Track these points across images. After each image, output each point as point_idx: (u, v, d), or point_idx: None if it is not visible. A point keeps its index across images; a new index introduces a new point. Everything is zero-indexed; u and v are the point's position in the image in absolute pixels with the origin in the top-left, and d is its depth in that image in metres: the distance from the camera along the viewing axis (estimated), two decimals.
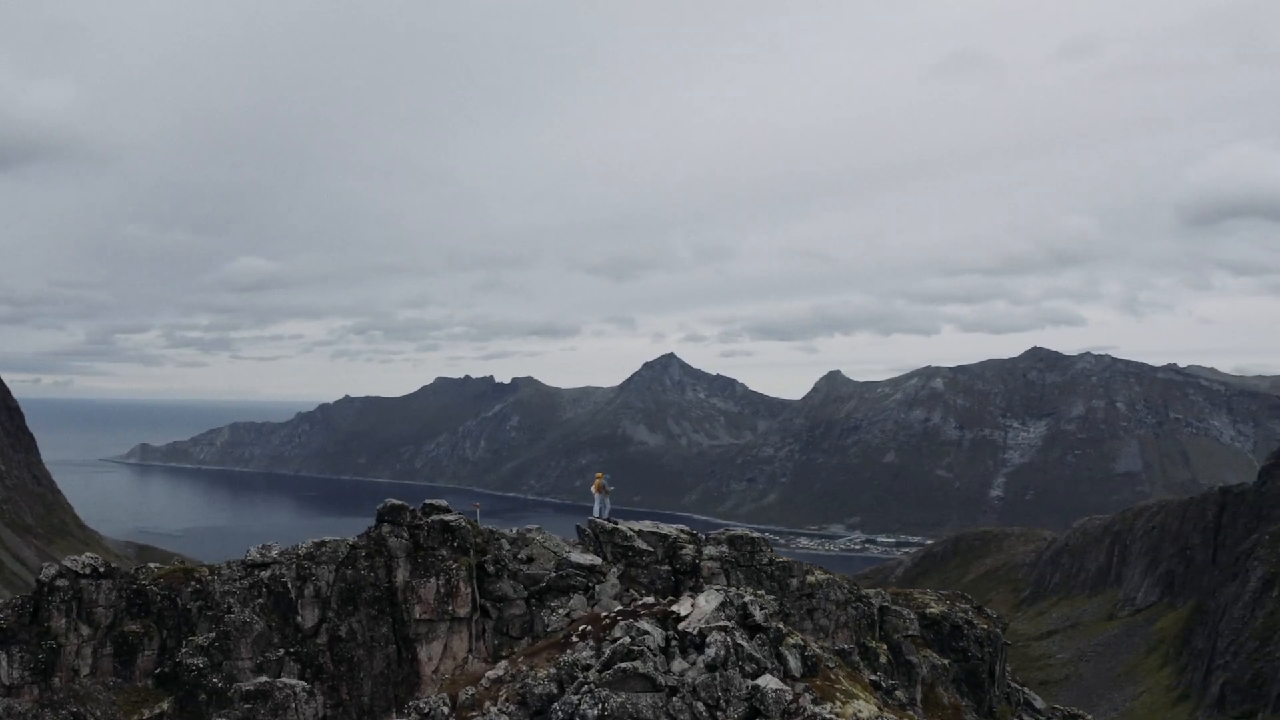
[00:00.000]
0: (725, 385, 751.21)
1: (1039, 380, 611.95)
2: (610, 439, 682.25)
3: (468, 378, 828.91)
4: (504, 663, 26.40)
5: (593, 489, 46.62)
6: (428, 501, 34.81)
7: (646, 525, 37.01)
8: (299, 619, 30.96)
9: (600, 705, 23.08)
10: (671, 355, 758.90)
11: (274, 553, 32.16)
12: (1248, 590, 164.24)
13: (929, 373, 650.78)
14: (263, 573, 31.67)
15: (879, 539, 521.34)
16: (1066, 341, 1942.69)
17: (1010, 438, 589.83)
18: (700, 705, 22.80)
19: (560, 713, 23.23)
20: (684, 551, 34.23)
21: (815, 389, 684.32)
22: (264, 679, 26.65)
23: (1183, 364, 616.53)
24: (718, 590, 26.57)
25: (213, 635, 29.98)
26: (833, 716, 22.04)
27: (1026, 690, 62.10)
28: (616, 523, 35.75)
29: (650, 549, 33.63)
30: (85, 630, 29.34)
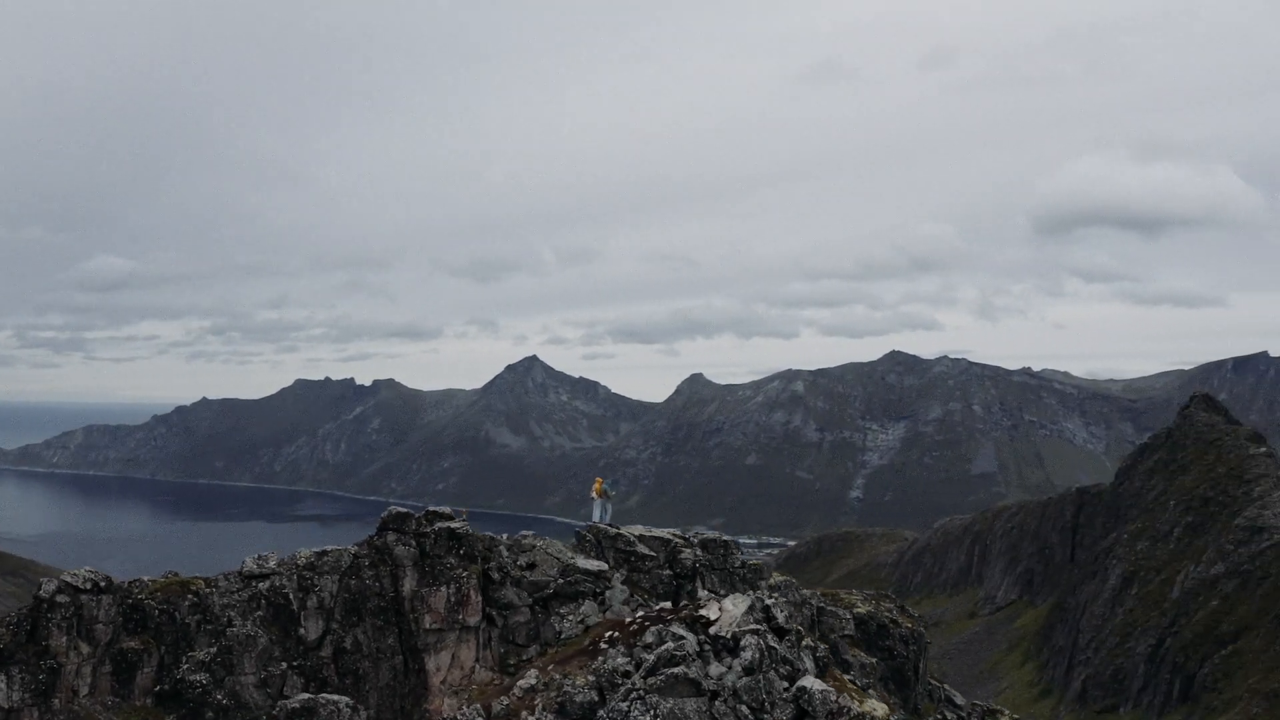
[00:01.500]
0: (588, 388, 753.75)
1: (897, 383, 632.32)
2: (473, 442, 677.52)
3: (328, 380, 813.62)
4: (533, 671, 26.69)
5: (592, 494, 46.92)
6: (430, 509, 34.71)
7: (638, 529, 37.62)
8: (302, 631, 30.45)
9: (651, 711, 23.67)
10: (534, 358, 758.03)
11: (271, 563, 31.51)
12: (1108, 588, 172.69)
13: (790, 376, 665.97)
14: (261, 584, 31.02)
15: (741, 540, 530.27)
16: (924, 345, 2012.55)
17: (869, 439, 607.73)
18: (744, 708, 23.65)
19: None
20: (683, 555, 35.02)
21: (678, 391, 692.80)
22: (306, 695, 26.21)
23: (1037, 368, 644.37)
24: (744, 594, 27.52)
25: (214, 650, 29.27)
26: (869, 714, 23.29)
27: (946, 687, 65.19)
28: (619, 528, 36.27)
29: (653, 554, 34.29)
30: (85, 648, 28.23)
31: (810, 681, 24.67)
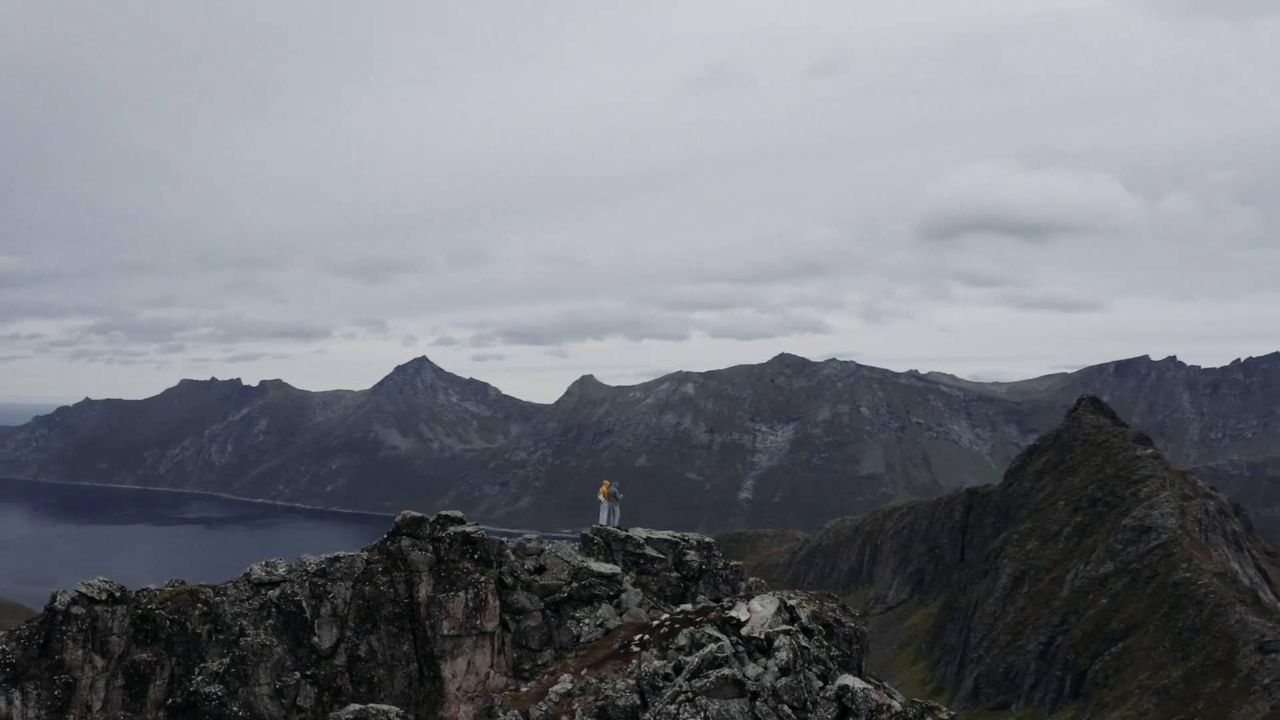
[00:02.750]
0: (478, 389, 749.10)
1: (787, 385, 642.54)
2: (362, 443, 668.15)
3: (214, 380, 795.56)
4: (567, 676, 26.60)
5: (600, 496, 46.74)
6: (443, 513, 34.28)
7: (640, 531, 37.74)
8: (315, 639, 29.70)
9: (701, 713, 23.90)
10: (424, 359, 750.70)
11: (281, 570, 30.71)
12: (998, 587, 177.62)
13: (680, 377, 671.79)
14: (271, 591, 30.19)
15: None
16: (812, 348, 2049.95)
17: (759, 441, 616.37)
18: (785, 708, 24.07)
19: None
20: (688, 558, 35.31)
21: (568, 393, 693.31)
22: (357, 706, 25.54)
23: (924, 371, 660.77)
24: (771, 594, 27.99)
25: (227, 661, 28.39)
26: (905, 710, 24.02)
27: (886, 685, 66.96)
28: (628, 530, 36.35)
29: (662, 556, 34.48)
30: (99, 662, 27.00)
31: (851, 680, 25.33)
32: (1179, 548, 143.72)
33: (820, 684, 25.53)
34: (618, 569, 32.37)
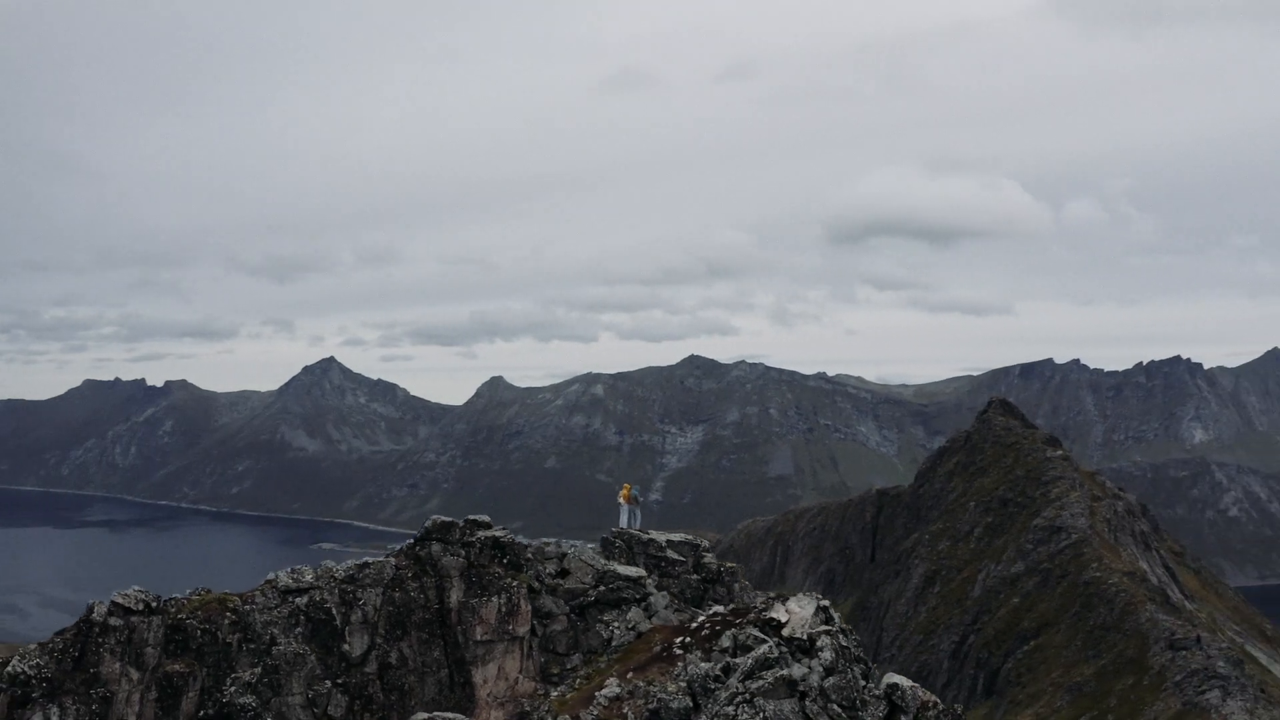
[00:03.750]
0: (386, 390, 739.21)
1: (696, 387, 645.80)
2: (268, 445, 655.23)
3: (118, 380, 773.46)
4: (613, 680, 26.34)
5: (620, 499, 46.24)
6: (470, 518, 33.68)
7: (646, 533, 37.54)
8: (345, 647, 28.89)
9: (761, 714, 23.96)
10: (332, 359, 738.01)
11: (308, 577, 29.82)
12: (910, 587, 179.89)
13: (589, 379, 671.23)
14: (299, 599, 29.30)
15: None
16: (721, 350, 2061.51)
17: (668, 443, 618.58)
18: (835, 707, 24.26)
19: None
20: (706, 560, 35.29)
21: (478, 394, 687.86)
22: (424, 715, 24.79)
23: (832, 373, 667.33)
24: (806, 596, 28.13)
25: (259, 670, 27.47)
26: (951, 707, 24.47)
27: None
28: (649, 533, 36.11)
29: (683, 559, 34.38)
30: (135, 674, 25.82)
31: (898, 678, 25.68)
32: (1089, 548, 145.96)
33: (864, 683, 25.83)
34: (643, 572, 32.29)
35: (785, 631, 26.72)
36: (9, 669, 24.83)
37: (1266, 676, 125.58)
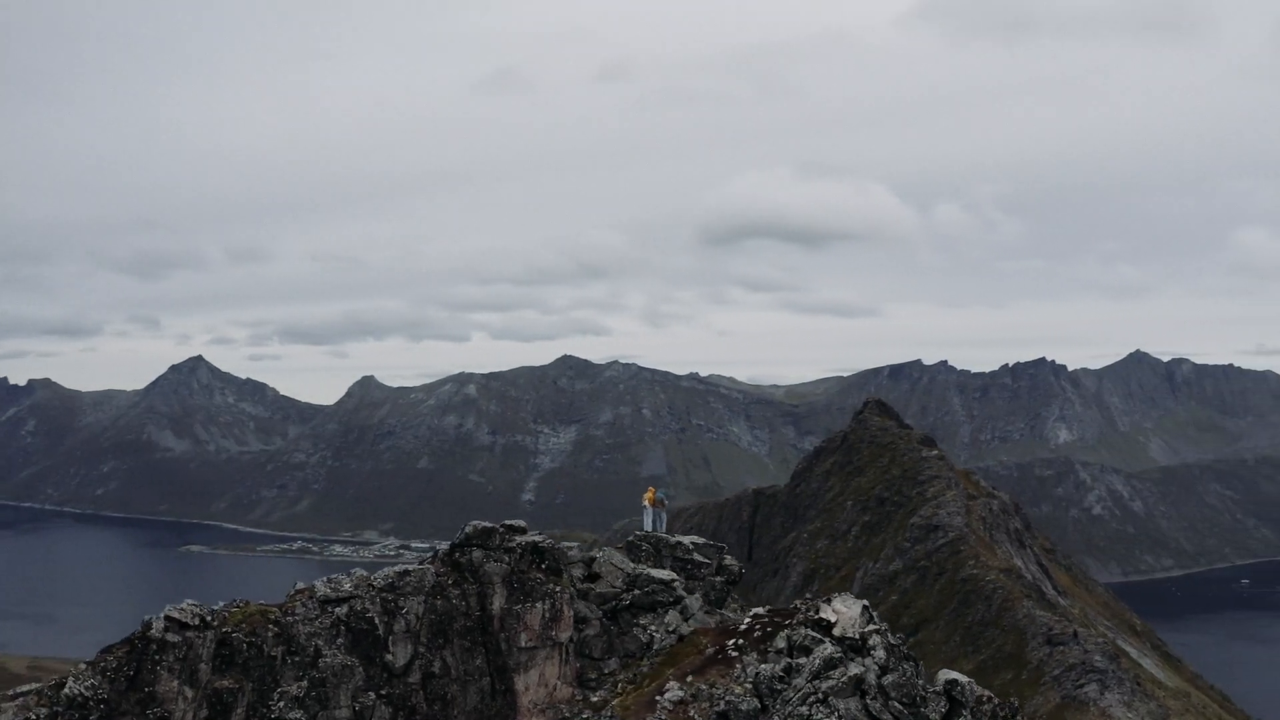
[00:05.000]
0: (255, 389, 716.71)
1: (569, 387, 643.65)
2: (134, 445, 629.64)
3: None
4: (673, 683, 25.76)
5: (645, 502, 45.10)
6: (507, 522, 32.49)
7: (673, 536, 36.90)
8: (389, 657, 27.49)
9: (835, 713, 23.81)
10: (200, 358, 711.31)
11: (346, 586, 28.22)
12: (789, 585, 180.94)
13: (462, 379, 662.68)
14: (338, 609, 27.77)
15: (413, 545, 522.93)
16: (594, 350, 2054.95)
17: (541, 443, 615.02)
18: (896, 704, 24.31)
19: None
20: (728, 562, 34.91)
21: (349, 394, 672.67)
22: None
23: (704, 373, 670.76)
24: (849, 596, 28.10)
25: (305, 684, 25.88)
26: (1009, 700, 24.79)
27: None
28: (677, 536, 35.44)
29: (708, 561, 33.94)
30: (189, 692, 23.95)
31: (954, 674, 25.92)
32: (966, 545, 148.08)
33: (919, 680, 26.01)
34: (675, 575, 31.88)
35: (835, 632, 26.77)
36: (66, 692, 23.01)
37: (1139, 670, 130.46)
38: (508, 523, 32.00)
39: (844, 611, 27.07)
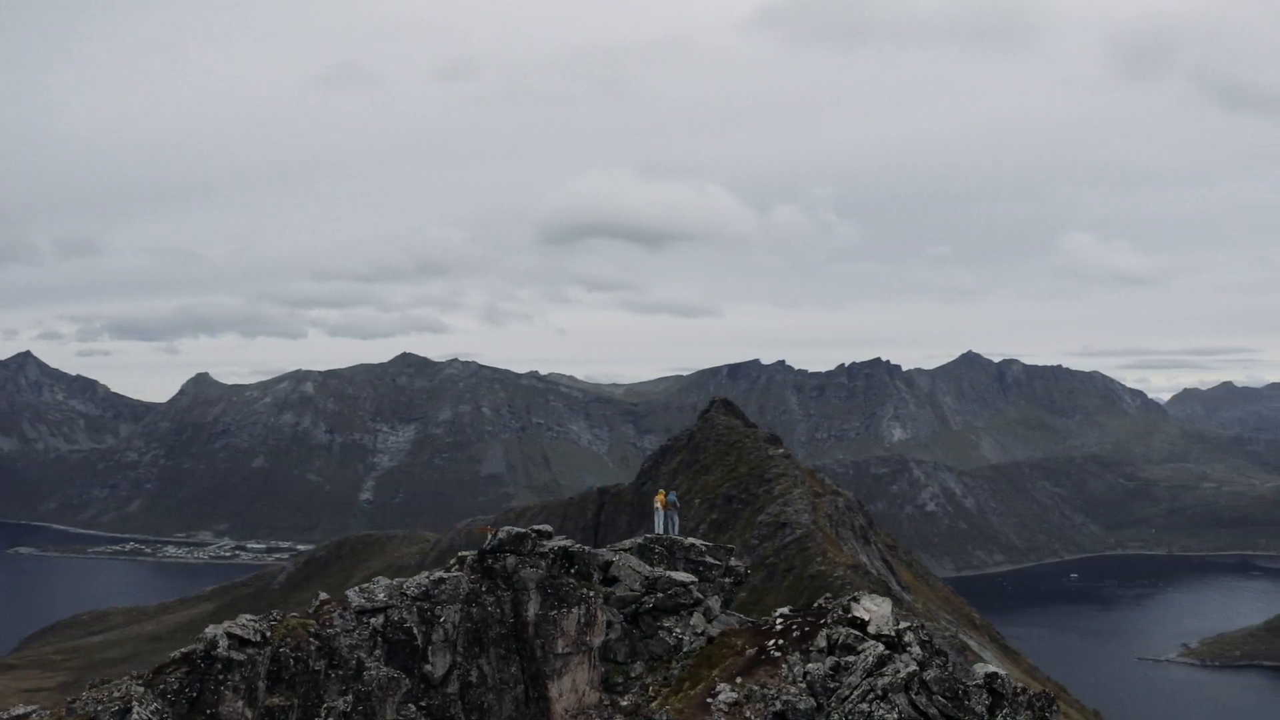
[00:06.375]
0: (86, 386, 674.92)
1: (408, 385, 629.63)
2: None
3: None
4: (724, 686, 24.60)
5: (657, 504, 42.90)
6: (536, 528, 30.45)
7: (687, 539, 35.38)
8: (428, 668, 25.22)
9: (896, 710, 23.16)
10: (28, 354, 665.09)
11: (380, 595, 25.74)
12: None
13: (299, 377, 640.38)
14: (374, 619, 25.33)
15: (249, 545, 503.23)
16: (433, 348, 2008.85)
17: (380, 441, 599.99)
18: (940, 699, 23.87)
19: None
20: (734, 563, 33.81)
21: (183, 392, 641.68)
22: None
23: (544, 372, 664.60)
24: (876, 594, 27.56)
25: (350, 699, 23.42)
26: (1045, 689, 24.73)
27: None
28: (689, 539, 34.03)
29: (719, 562, 32.75)
30: (249, 713, 21.14)
31: (993, 666, 25.79)
32: (813, 542, 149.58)
33: (980, 672, 25.78)
34: (694, 577, 30.89)
35: (870, 630, 26.49)
36: (133, 718, 20.35)
37: (983, 663, 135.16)
38: (536, 528, 30.59)
39: (875, 610, 26.87)
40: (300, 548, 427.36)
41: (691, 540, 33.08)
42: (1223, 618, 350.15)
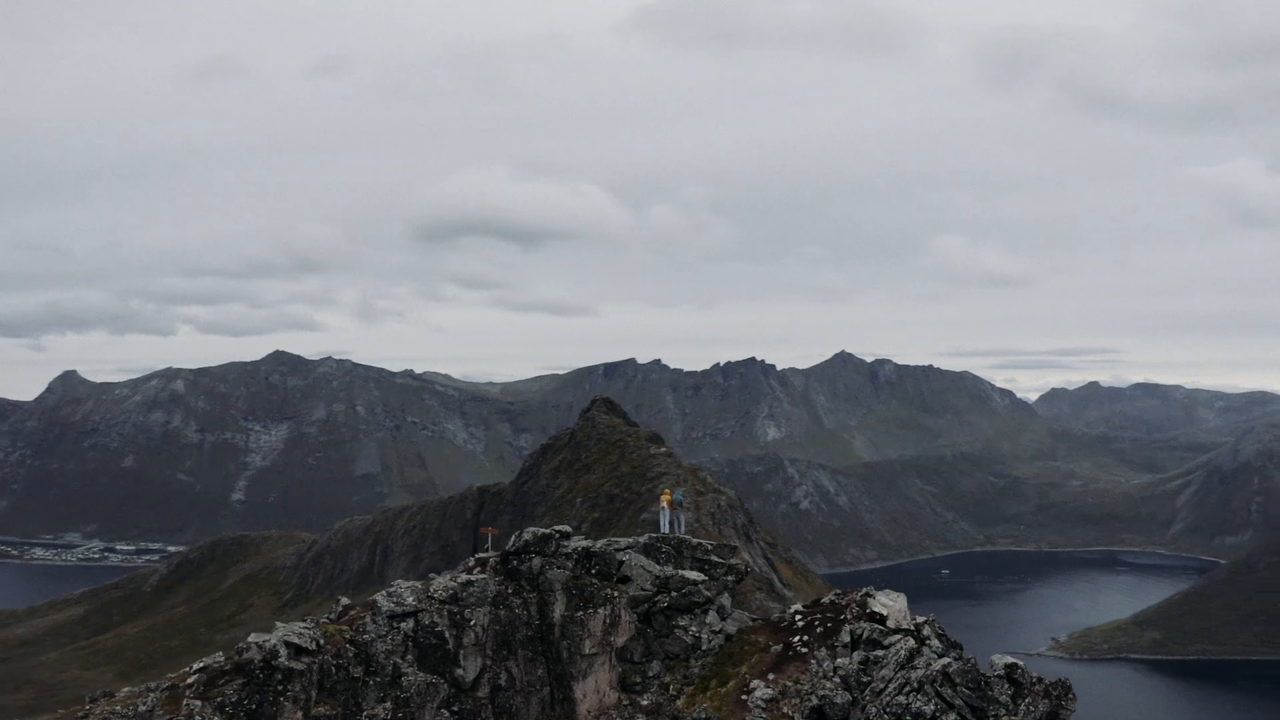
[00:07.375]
0: None
1: (281, 384, 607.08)
2: None
3: None
4: (758, 682, 23.51)
5: (663, 503, 40.74)
6: (557, 528, 28.56)
7: (693, 539, 33.93)
8: (459, 671, 23.34)
9: (933, 702, 22.54)
10: None
11: (409, 599, 23.68)
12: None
13: (169, 374, 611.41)
14: (404, 623, 23.28)
15: (118, 547, 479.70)
16: (307, 345, 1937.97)
17: (252, 440, 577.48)
18: (964, 689, 23.43)
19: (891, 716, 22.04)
20: (735, 562, 32.65)
21: (49, 390, 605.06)
22: None
23: (419, 370, 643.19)
24: (889, 591, 26.99)
25: (389, 705, 21.42)
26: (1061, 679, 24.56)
27: None
28: (697, 539, 32.55)
29: (723, 560, 31.52)
30: None
31: (1011, 657, 25.51)
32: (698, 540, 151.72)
33: (999, 663, 25.52)
34: (704, 576, 29.82)
35: (889, 624, 26.13)
36: None
37: None
38: (557, 528, 29.19)
39: (891, 605, 26.58)
40: (171, 549, 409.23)
41: (698, 540, 32.21)
42: (1090, 612, 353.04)
